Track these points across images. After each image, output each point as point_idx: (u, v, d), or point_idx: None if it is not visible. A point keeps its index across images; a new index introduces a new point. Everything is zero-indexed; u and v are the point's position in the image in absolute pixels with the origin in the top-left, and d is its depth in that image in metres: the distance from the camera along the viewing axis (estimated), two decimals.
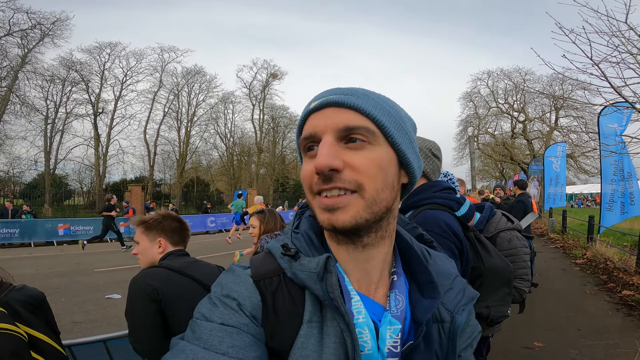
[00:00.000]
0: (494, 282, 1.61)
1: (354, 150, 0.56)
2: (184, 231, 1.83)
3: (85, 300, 5.63)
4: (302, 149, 0.61)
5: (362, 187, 0.54)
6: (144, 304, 1.53)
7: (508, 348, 3.67)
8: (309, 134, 0.58)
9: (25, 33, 23.41)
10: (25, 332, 1.01)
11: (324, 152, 0.54)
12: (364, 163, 0.55)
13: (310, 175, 0.57)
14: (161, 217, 1.78)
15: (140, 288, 1.55)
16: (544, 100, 28.60)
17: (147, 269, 1.67)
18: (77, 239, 14.17)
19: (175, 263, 1.69)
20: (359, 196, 0.55)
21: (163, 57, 30.87)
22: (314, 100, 0.60)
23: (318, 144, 0.57)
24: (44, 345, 1.06)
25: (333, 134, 0.56)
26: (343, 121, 0.56)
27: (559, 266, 7.81)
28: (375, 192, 0.55)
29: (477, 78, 31.96)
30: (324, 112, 0.58)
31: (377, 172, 0.56)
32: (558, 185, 15.53)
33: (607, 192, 8.42)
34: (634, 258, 6.45)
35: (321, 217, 0.57)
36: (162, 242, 1.75)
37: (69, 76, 26.63)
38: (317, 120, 0.58)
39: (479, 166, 32.09)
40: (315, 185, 0.56)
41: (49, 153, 26.08)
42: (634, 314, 4.62)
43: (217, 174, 36.37)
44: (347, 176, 0.54)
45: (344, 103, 0.57)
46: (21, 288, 1.15)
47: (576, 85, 17.27)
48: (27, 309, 1.09)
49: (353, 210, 0.54)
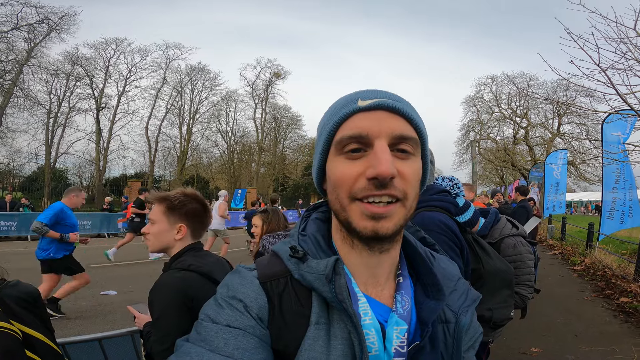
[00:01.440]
0: (495, 285, 1.60)
1: (402, 160, 0.56)
2: (206, 218, 1.66)
3: (81, 296, 5.59)
4: (338, 146, 0.57)
5: (407, 196, 0.56)
6: (180, 312, 1.40)
7: (506, 353, 3.66)
8: (359, 134, 0.55)
9: (33, 27, 23.48)
10: (20, 329, 0.99)
11: (385, 158, 0.53)
12: (410, 173, 0.56)
13: (355, 178, 0.55)
14: (186, 197, 1.60)
15: (176, 296, 1.41)
16: (547, 107, 28.61)
17: (176, 273, 1.49)
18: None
19: (203, 265, 1.54)
20: (401, 205, 0.56)
21: (168, 54, 31.00)
22: (362, 97, 0.58)
23: (365, 145, 0.55)
24: (38, 343, 1.04)
25: (387, 139, 0.55)
26: (399, 129, 0.56)
27: (557, 272, 7.80)
28: (412, 201, 0.57)
29: (481, 83, 31.95)
30: (377, 114, 0.56)
31: (416, 183, 0.58)
32: (558, 192, 15.52)
33: (608, 200, 8.41)
34: (633, 265, 6.44)
35: (363, 224, 0.55)
36: (183, 229, 1.58)
37: (74, 71, 26.71)
38: (369, 122, 0.56)
39: (480, 171, 32.05)
40: (363, 190, 0.54)
41: (50, 147, 26.11)
42: (631, 320, 4.61)
43: (217, 171, 36.40)
44: (398, 184, 0.54)
45: (399, 110, 0.56)
46: (15, 284, 1.12)
47: (580, 91, 17.33)
48: (21, 306, 1.06)
49: (396, 218, 0.55)
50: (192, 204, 1.61)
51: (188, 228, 1.60)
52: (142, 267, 8.24)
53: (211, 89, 33.77)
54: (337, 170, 0.57)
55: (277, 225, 2.82)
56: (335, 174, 0.57)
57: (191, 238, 1.63)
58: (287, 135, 37.63)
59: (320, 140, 0.62)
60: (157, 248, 1.60)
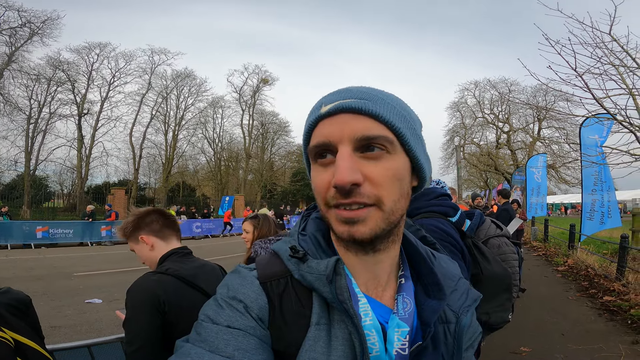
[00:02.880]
0: (493, 289, 1.61)
1: (372, 161, 0.53)
2: (162, 219, 1.66)
3: (65, 304, 5.43)
4: (311, 156, 0.57)
5: (380, 200, 0.53)
6: (150, 316, 1.40)
7: (496, 353, 3.71)
8: (321, 142, 0.54)
9: (14, 31, 22.97)
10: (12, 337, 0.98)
11: (344, 165, 0.51)
12: (383, 175, 0.53)
13: (326, 186, 0.54)
14: (134, 216, 1.65)
15: (147, 298, 1.41)
16: (527, 112, 29.43)
17: (153, 275, 1.51)
18: (57, 242, 13.79)
19: (183, 269, 1.54)
20: (377, 209, 0.53)
21: (153, 59, 30.62)
22: (324, 102, 0.56)
23: (331, 152, 0.54)
24: (30, 351, 1.03)
25: (350, 144, 0.53)
26: (361, 130, 0.53)
27: (542, 273, 7.97)
28: (393, 203, 0.54)
29: (465, 88, 32.71)
30: (339, 119, 0.54)
31: (395, 184, 0.54)
32: (539, 195, 15.92)
33: (587, 202, 8.66)
34: (614, 265, 6.62)
35: (340, 229, 0.55)
36: (145, 239, 1.61)
37: (55, 75, 26.10)
38: (331, 128, 0.54)
39: (465, 176, 32.59)
40: (333, 198, 0.53)
41: (29, 153, 25.32)
42: (615, 319, 4.73)
43: (204, 179, 36.00)
44: (366, 190, 0.52)
45: (361, 109, 0.53)
46: (6, 291, 1.11)
47: (559, 96, 17.86)
48: (12, 313, 1.06)
49: (372, 222, 0.53)
50: (139, 217, 1.64)
51: (150, 235, 1.62)
52: (126, 275, 8.05)
53: (197, 95, 33.49)
54: (314, 179, 0.57)
55: (267, 231, 2.80)
56: (313, 182, 0.58)
57: (165, 244, 1.64)
58: (274, 141, 37.56)
59: (302, 150, 0.63)
60: (152, 266, 1.64)
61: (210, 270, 1.67)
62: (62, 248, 13.35)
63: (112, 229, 15.07)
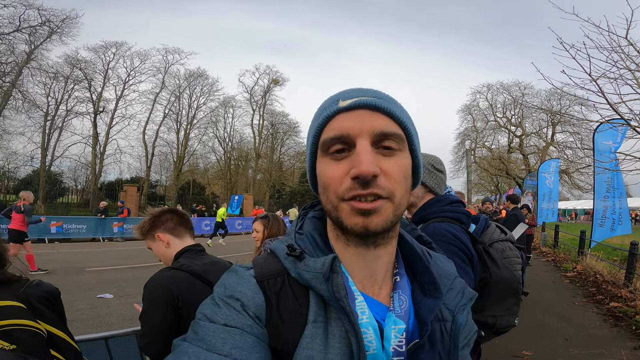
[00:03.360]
0: (501, 293, 1.64)
1: (387, 157, 0.56)
2: (179, 219, 1.76)
3: (77, 299, 5.59)
4: (323, 148, 0.59)
5: (393, 194, 0.56)
6: (165, 310, 1.48)
7: (498, 356, 3.72)
8: (340, 135, 0.56)
9: (34, 30, 23.54)
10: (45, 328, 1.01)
11: (367, 158, 0.53)
12: (396, 170, 0.56)
13: (341, 178, 0.56)
14: (150, 215, 1.74)
15: (163, 293, 1.49)
16: (541, 115, 29.00)
17: (167, 271, 1.60)
18: (70, 237, 14.11)
19: (196, 265, 1.62)
20: (389, 201, 0.56)
21: (167, 58, 31.23)
22: (342, 98, 0.58)
23: (348, 145, 0.56)
24: (61, 342, 1.05)
25: (369, 138, 0.55)
26: (380, 126, 0.56)
27: (549, 278, 7.89)
28: (401, 197, 0.57)
29: (477, 91, 32.41)
30: (358, 114, 0.57)
31: (404, 179, 0.58)
32: (551, 200, 15.69)
33: (599, 209, 8.53)
34: (623, 272, 6.54)
35: (353, 221, 0.56)
36: (161, 236, 1.70)
37: (73, 74, 26.76)
38: (350, 122, 0.56)
39: (475, 179, 32.28)
40: (349, 190, 0.55)
41: (45, 150, 26.03)
42: (620, 324, 4.70)
43: (214, 177, 36.38)
44: (382, 183, 0.55)
45: (379, 107, 0.57)
46: (38, 283, 1.14)
47: (574, 100, 17.53)
48: (44, 305, 1.08)
49: (385, 214, 0.56)
50: (158, 217, 1.74)
51: (165, 233, 1.71)
52: (137, 270, 8.23)
53: (209, 94, 34.00)
54: (325, 172, 0.58)
55: (277, 231, 2.84)
56: (323, 175, 0.58)
57: (179, 241, 1.73)
58: (284, 142, 37.79)
59: (308, 143, 0.63)
60: (167, 263, 1.72)
61: (222, 267, 1.73)
62: (75, 243, 13.66)
63: (124, 225, 15.35)
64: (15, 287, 1.07)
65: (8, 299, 0.99)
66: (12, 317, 0.95)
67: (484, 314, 1.61)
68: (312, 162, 0.63)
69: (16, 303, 0.99)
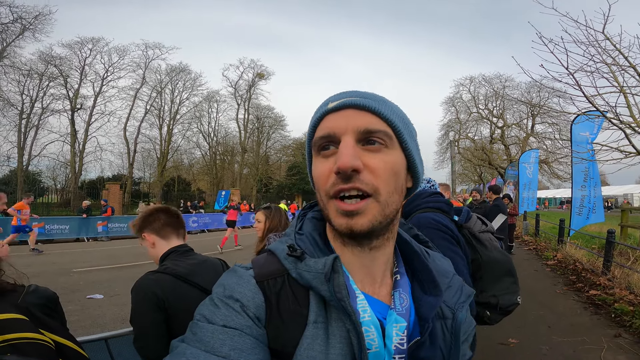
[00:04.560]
0: (495, 273, 1.71)
1: (372, 153, 0.57)
2: (168, 218, 1.73)
3: (66, 300, 5.49)
4: (315, 148, 0.61)
5: (378, 191, 0.56)
6: (152, 312, 1.50)
7: (485, 344, 3.86)
8: (327, 134, 0.58)
9: (6, 27, 22.69)
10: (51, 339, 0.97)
11: (347, 152, 0.55)
12: (381, 166, 0.57)
13: (327, 175, 0.57)
14: (141, 214, 1.74)
15: (147, 297, 1.51)
16: (521, 107, 29.62)
17: (152, 274, 1.60)
18: (53, 238, 13.77)
19: (180, 266, 1.62)
20: (374, 200, 0.56)
21: (147, 53, 30.38)
22: (331, 100, 0.61)
23: (335, 144, 0.58)
24: (69, 351, 1.02)
25: (353, 135, 0.57)
26: (364, 124, 0.57)
27: (531, 267, 8.17)
28: (388, 195, 0.57)
29: (460, 83, 32.77)
30: (344, 113, 0.59)
31: (391, 176, 0.58)
32: (530, 190, 16.17)
33: (577, 197, 8.86)
34: (601, 260, 6.81)
35: (339, 221, 0.57)
36: (147, 236, 1.70)
37: (47, 71, 25.86)
38: (336, 121, 0.58)
39: (459, 170, 32.83)
40: (334, 186, 0.56)
41: (22, 149, 25.17)
42: (600, 312, 4.92)
43: (199, 173, 35.91)
44: (365, 178, 0.55)
45: (364, 106, 0.58)
46: (35, 289, 1.09)
47: (553, 93, 18.01)
48: (45, 314, 1.04)
49: (370, 214, 0.56)
50: (144, 216, 1.73)
51: (151, 233, 1.70)
52: (125, 270, 8.13)
53: (192, 89, 33.34)
54: (315, 170, 0.60)
55: (279, 222, 2.80)
56: (315, 173, 0.60)
57: (165, 242, 1.72)
58: (270, 135, 37.51)
59: (306, 146, 0.65)
60: (156, 262, 1.73)
61: (210, 266, 1.73)
62: (59, 244, 13.33)
63: (109, 224, 15.07)
64: (13, 296, 1.02)
65: (8, 311, 0.95)
66: (18, 330, 0.91)
67: (484, 294, 1.66)
68: (309, 162, 0.65)
69: (18, 315, 0.95)
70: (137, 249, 11.39)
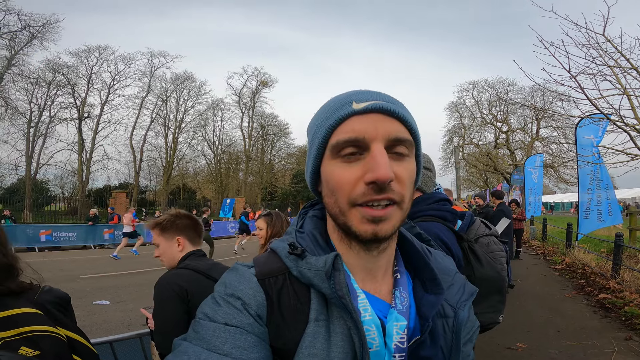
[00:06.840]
0: (483, 291, 1.66)
1: (398, 162, 0.56)
2: (198, 227, 1.88)
3: (73, 306, 5.41)
4: (333, 150, 0.57)
5: (403, 199, 0.56)
6: (174, 304, 1.58)
7: (492, 349, 3.82)
8: (354, 138, 0.55)
9: (14, 35, 23.03)
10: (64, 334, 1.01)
11: (384, 162, 0.53)
12: (406, 175, 0.57)
13: (354, 183, 0.55)
14: (173, 216, 1.84)
15: (171, 289, 1.60)
16: (525, 112, 29.55)
17: (173, 271, 1.71)
18: (60, 245, 13.89)
19: (199, 264, 1.73)
20: (398, 207, 0.56)
21: (153, 62, 30.79)
22: (356, 100, 0.57)
23: (362, 149, 0.55)
24: (81, 347, 1.06)
25: (384, 142, 0.55)
26: (394, 131, 0.56)
27: (539, 272, 8.07)
28: (409, 202, 0.58)
29: (463, 89, 32.83)
30: (372, 117, 0.56)
31: (411, 185, 0.58)
32: (536, 195, 16.05)
33: (584, 201, 8.76)
34: (610, 263, 6.73)
35: (364, 228, 0.56)
36: (181, 240, 1.80)
37: (55, 79, 26.23)
38: (365, 124, 0.55)
39: (464, 176, 32.70)
40: (364, 195, 0.54)
41: (30, 157, 25.46)
42: (610, 315, 4.85)
43: (204, 181, 36.11)
44: (395, 187, 0.55)
45: (394, 112, 0.56)
46: (49, 289, 1.14)
47: (556, 96, 17.97)
48: (58, 310, 1.08)
49: (394, 220, 0.56)
50: (180, 219, 1.85)
51: (185, 238, 1.82)
52: (131, 277, 8.17)
53: (197, 97, 33.69)
54: (335, 175, 0.57)
55: (280, 228, 2.83)
56: (333, 178, 0.57)
57: (191, 246, 1.85)
58: (274, 143, 37.67)
59: (314, 143, 0.61)
60: (169, 264, 1.82)
61: (222, 268, 1.82)
62: (66, 251, 13.43)
63: (115, 232, 15.18)
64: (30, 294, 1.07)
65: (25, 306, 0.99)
66: (32, 323, 0.95)
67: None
68: (316, 162, 0.61)
69: (34, 310, 0.99)
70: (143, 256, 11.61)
